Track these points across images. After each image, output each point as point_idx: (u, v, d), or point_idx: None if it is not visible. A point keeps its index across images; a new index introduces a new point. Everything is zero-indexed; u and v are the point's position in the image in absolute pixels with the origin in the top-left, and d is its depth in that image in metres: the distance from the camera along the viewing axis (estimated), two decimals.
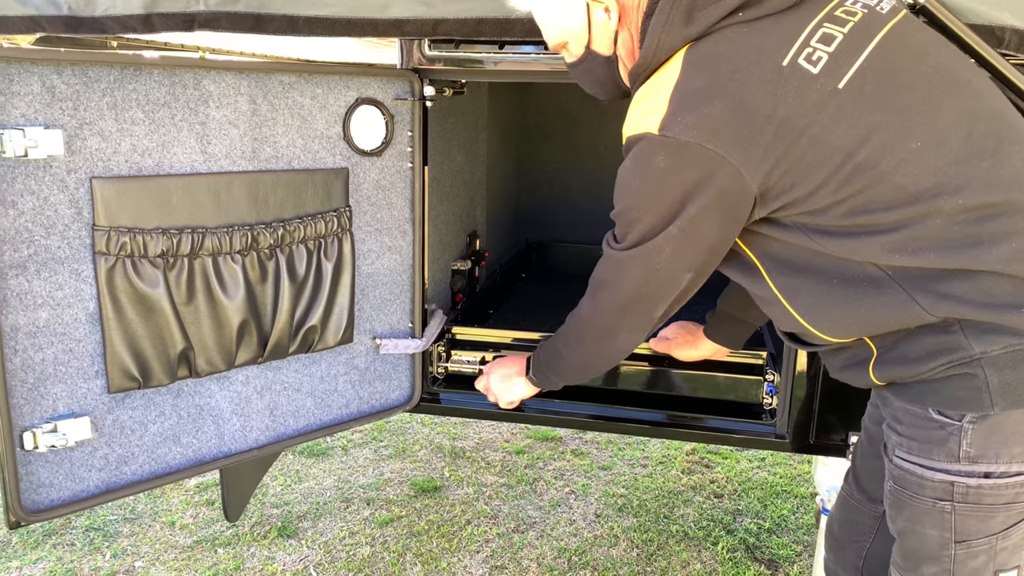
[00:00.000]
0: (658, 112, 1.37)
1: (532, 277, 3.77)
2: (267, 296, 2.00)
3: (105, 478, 1.87)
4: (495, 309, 3.14)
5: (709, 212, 1.38)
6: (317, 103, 2.05)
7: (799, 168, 1.32)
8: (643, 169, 1.42)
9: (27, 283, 1.69)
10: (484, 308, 3.07)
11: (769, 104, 1.31)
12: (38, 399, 1.74)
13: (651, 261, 1.47)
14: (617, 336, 1.66)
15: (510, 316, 3.12)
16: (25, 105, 1.63)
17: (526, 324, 3.02)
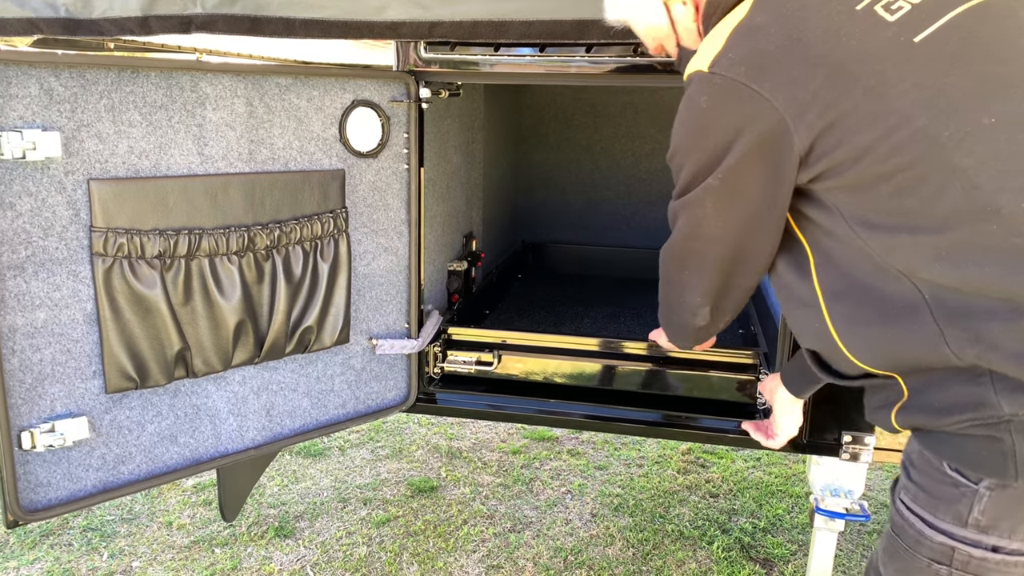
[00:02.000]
0: (713, 49, 1.26)
1: (528, 277, 3.78)
2: (264, 297, 2.01)
3: (103, 478, 1.88)
4: (491, 309, 3.14)
5: (750, 163, 1.25)
6: (313, 105, 2.07)
7: (847, 124, 1.17)
8: (688, 110, 1.32)
9: (25, 284, 1.70)
10: (480, 308, 3.06)
11: (827, 44, 1.18)
12: (36, 399, 1.75)
13: (695, 215, 1.37)
14: (683, 291, 1.53)
15: (506, 316, 3.14)
16: (23, 107, 1.64)
17: (522, 324, 3.06)
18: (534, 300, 3.39)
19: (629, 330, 3.07)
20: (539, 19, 1.96)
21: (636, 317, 3.21)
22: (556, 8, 1.94)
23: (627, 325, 3.14)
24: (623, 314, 3.26)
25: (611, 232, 4.01)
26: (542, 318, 3.16)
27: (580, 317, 3.20)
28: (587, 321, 3.16)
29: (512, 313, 3.17)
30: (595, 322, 3.15)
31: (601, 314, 3.23)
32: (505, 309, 3.23)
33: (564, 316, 3.20)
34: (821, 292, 1.34)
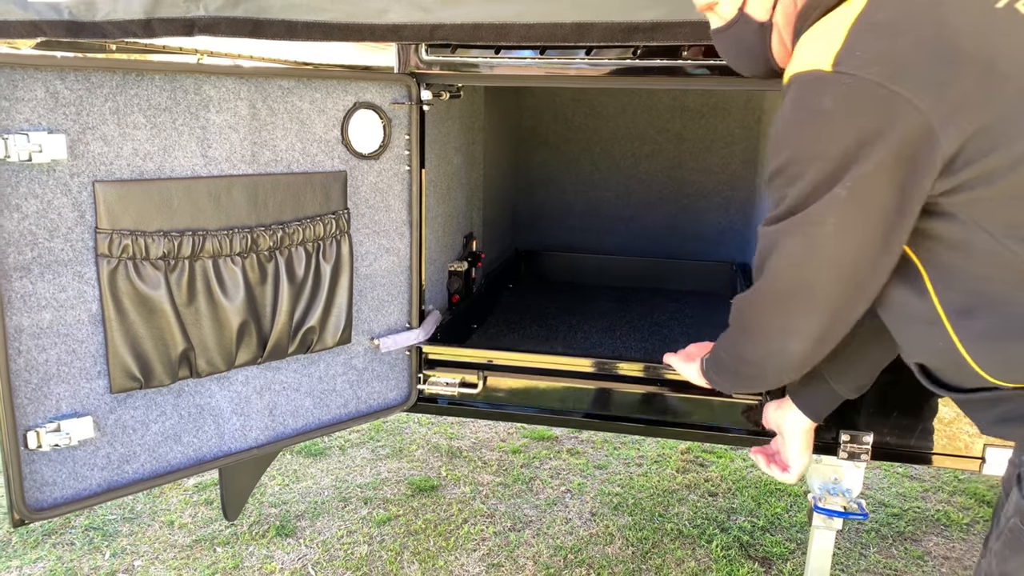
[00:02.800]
0: (831, 45, 1.15)
1: (520, 287, 3.67)
2: (267, 297, 2.03)
3: (107, 477, 1.90)
4: (479, 323, 3.03)
5: (886, 171, 1.13)
6: (316, 107, 2.09)
7: (1003, 127, 1.09)
8: (806, 113, 1.19)
9: (31, 285, 1.72)
10: (467, 322, 2.94)
11: (973, 41, 1.09)
12: (42, 399, 1.77)
13: (810, 235, 1.21)
14: (771, 339, 1.37)
15: (495, 330, 3.02)
16: (29, 110, 1.66)
17: (511, 339, 2.93)
18: (525, 312, 3.25)
19: (625, 346, 2.91)
20: (539, 22, 1.98)
21: (632, 331, 3.06)
22: (556, 11, 1.96)
23: (623, 340, 2.97)
24: (618, 328, 3.11)
25: (610, 234, 4.02)
26: (533, 332, 3.01)
27: (573, 331, 3.04)
28: (580, 336, 2.99)
29: (501, 326, 3.03)
30: (589, 337, 2.98)
31: (595, 328, 3.08)
32: (494, 322, 3.08)
33: (556, 330, 3.05)
34: (944, 309, 1.23)
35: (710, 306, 3.41)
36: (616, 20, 1.93)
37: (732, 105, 3.77)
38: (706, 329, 3.04)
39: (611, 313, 3.28)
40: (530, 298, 3.46)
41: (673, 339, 2.95)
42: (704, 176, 3.88)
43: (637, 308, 3.36)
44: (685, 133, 3.86)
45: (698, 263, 3.76)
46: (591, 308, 3.35)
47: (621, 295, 3.57)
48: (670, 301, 3.48)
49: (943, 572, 3.12)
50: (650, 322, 3.12)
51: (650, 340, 2.87)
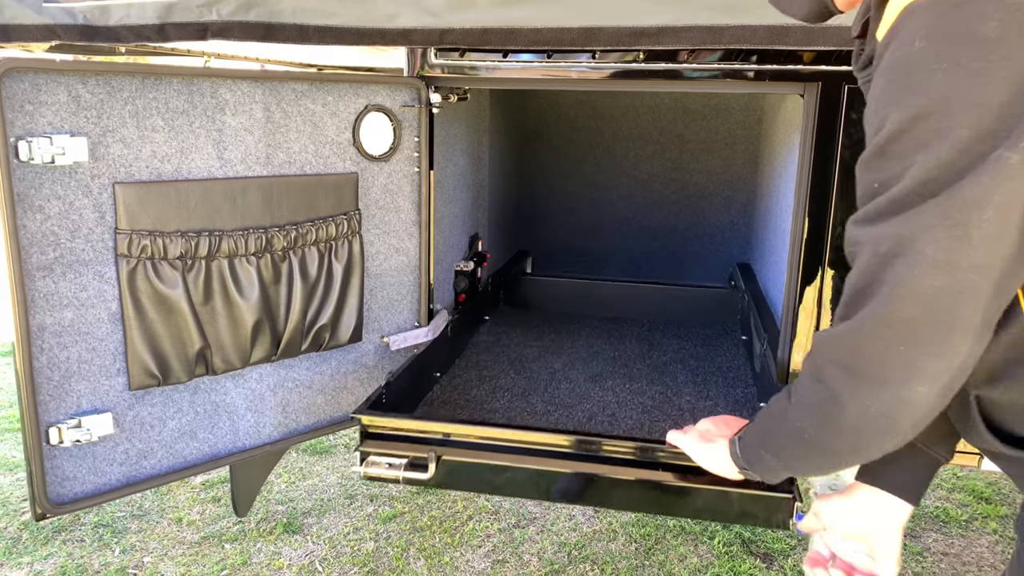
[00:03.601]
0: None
1: (498, 318, 3.18)
2: (280, 296, 2.07)
3: (126, 472, 1.94)
4: (444, 369, 2.51)
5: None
6: (328, 110, 2.13)
7: None
8: (953, 45, 0.84)
9: (53, 284, 1.76)
10: (430, 368, 2.42)
11: None
12: (63, 396, 1.81)
13: (961, 224, 0.84)
14: (886, 387, 0.96)
15: (461, 380, 2.49)
16: (52, 114, 1.70)
17: (481, 394, 2.32)
18: (500, 353, 2.77)
19: (619, 401, 2.34)
20: (547, 26, 2.03)
21: (627, 379, 2.54)
22: (563, 16, 2.01)
23: (616, 393, 2.41)
24: (611, 374, 2.58)
25: (612, 233, 4.07)
26: (508, 382, 2.48)
27: (556, 380, 2.52)
28: (565, 387, 2.46)
29: (471, 374, 2.53)
30: (575, 388, 2.46)
31: (583, 374, 2.57)
32: (463, 368, 2.58)
33: (536, 378, 2.53)
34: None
35: (717, 343, 2.95)
36: (623, 24, 1.97)
37: (733, 107, 3.82)
38: (716, 377, 2.57)
39: (602, 353, 2.77)
40: (508, 334, 2.95)
41: (676, 389, 2.46)
42: (705, 177, 3.93)
43: (632, 346, 2.87)
44: (687, 134, 3.91)
45: (701, 290, 3.27)
46: (578, 346, 2.85)
47: (613, 329, 3.07)
48: (670, 337, 3.00)
49: (942, 568, 3.17)
50: (648, 365, 2.66)
51: (649, 391, 2.40)
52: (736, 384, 2.40)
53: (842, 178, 2.10)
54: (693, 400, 2.21)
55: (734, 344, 2.79)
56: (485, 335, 2.91)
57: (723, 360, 2.62)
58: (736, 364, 2.57)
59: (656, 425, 1.99)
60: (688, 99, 3.86)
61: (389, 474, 1.82)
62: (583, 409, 2.17)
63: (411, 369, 2.22)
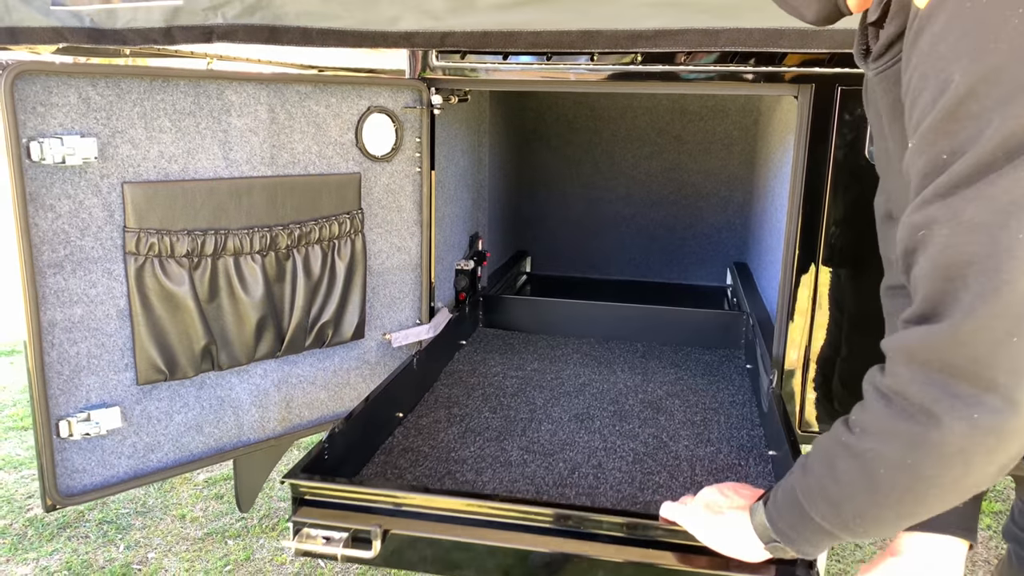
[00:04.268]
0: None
1: (476, 343, 2.79)
2: (284, 294, 2.11)
3: (133, 465, 1.98)
4: (409, 408, 2.15)
5: None
6: (331, 111, 2.17)
7: None
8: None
9: (64, 281, 1.80)
10: (390, 407, 2.05)
11: None
12: (73, 390, 1.85)
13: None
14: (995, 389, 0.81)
15: (428, 421, 2.10)
16: (63, 115, 1.74)
17: (448, 439, 1.99)
18: (475, 386, 2.37)
19: (607, 448, 1.98)
20: (546, 29, 2.06)
21: (617, 419, 2.16)
22: (563, 19, 2.05)
23: (605, 436, 2.05)
24: (599, 412, 2.20)
25: (611, 233, 4.11)
26: (481, 422, 2.11)
27: (537, 421, 2.13)
28: (546, 430, 2.08)
29: (440, 412, 2.15)
30: (557, 431, 2.07)
31: (567, 413, 2.19)
32: (431, 405, 2.20)
33: (514, 418, 2.15)
34: None
35: (718, 372, 2.54)
36: (621, 28, 2.01)
37: (730, 108, 3.86)
38: (717, 415, 2.17)
39: (590, 386, 2.40)
40: (486, 362, 2.58)
41: (672, 431, 2.07)
42: (703, 177, 3.98)
43: (623, 376, 2.49)
44: (684, 135, 3.95)
45: (700, 312, 2.89)
46: (564, 377, 2.47)
47: (603, 355, 2.69)
48: (666, 365, 2.61)
49: None
50: (641, 401, 2.26)
51: (642, 434, 2.04)
52: (740, 425, 2.10)
53: (835, 178, 2.14)
54: (691, 446, 1.93)
55: (737, 373, 2.49)
56: (460, 364, 2.53)
57: (725, 394, 2.31)
58: (740, 399, 2.28)
59: (649, 479, 1.72)
60: (685, 100, 3.90)
61: (326, 550, 1.50)
62: (565, 458, 1.87)
63: (367, 411, 1.87)
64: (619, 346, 2.75)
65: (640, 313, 2.82)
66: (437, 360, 2.46)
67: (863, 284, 2.19)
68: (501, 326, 2.93)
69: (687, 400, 2.26)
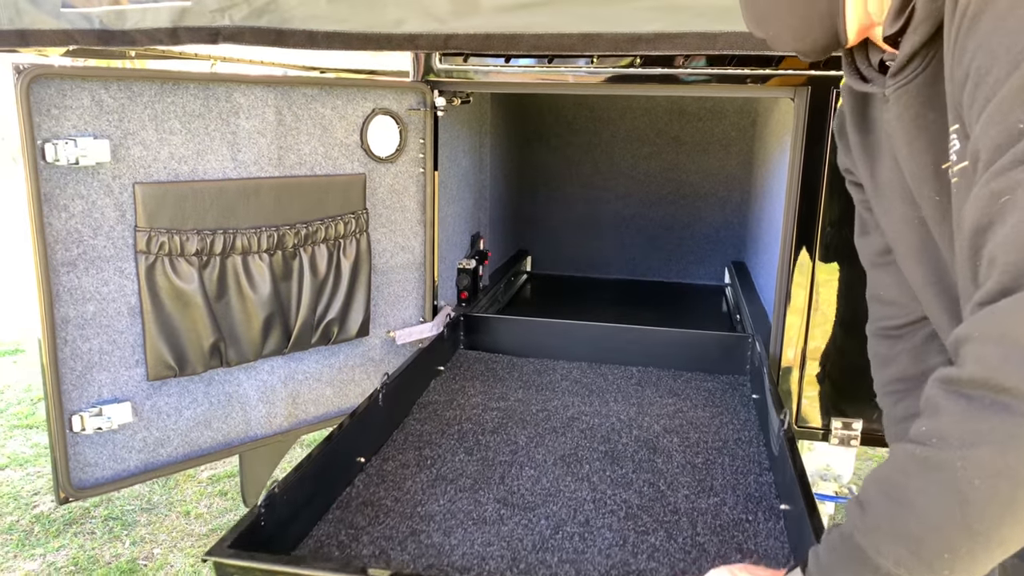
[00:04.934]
0: None
1: (456, 367, 2.46)
2: (291, 292, 2.16)
3: (144, 459, 2.02)
4: (375, 450, 1.86)
5: None
6: (337, 113, 2.21)
7: None
8: None
9: (77, 279, 1.84)
10: (349, 456, 1.74)
11: None
12: (85, 385, 1.90)
13: None
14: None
15: (392, 467, 1.80)
16: (76, 117, 1.79)
17: (410, 498, 1.67)
18: (451, 421, 2.05)
19: (595, 498, 1.68)
20: (548, 32, 2.10)
21: (608, 462, 1.85)
22: (564, 22, 2.08)
23: (591, 484, 1.75)
24: (588, 454, 1.90)
25: (610, 232, 4.15)
26: (455, 469, 1.80)
27: (518, 465, 1.83)
28: (527, 477, 1.77)
29: (409, 455, 1.85)
30: (540, 479, 1.77)
31: (553, 455, 1.89)
32: (398, 445, 1.90)
33: (491, 463, 1.84)
34: None
35: (721, 403, 2.24)
36: (621, 31, 2.05)
37: (728, 109, 3.90)
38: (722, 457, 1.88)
39: (579, 420, 2.10)
40: (464, 391, 2.26)
41: (670, 478, 1.78)
42: (701, 177, 4.02)
43: (617, 408, 2.19)
44: (683, 136, 4.00)
45: (701, 334, 2.57)
46: (551, 408, 2.17)
47: (595, 383, 2.38)
48: (664, 394, 2.29)
49: None
50: (635, 439, 1.99)
51: (636, 481, 1.77)
52: (747, 469, 1.83)
53: (831, 179, 2.18)
54: (692, 496, 1.68)
55: (742, 404, 2.21)
56: (436, 393, 2.23)
57: (730, 431, 2.03)
58: (746, 436, 2.00)
59: (643, 540, 1.50)
60: (684, 101, 3.95)
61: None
62: (548, 513, 1.61)
63: (322, 459, 1.60)
64: (612, 371, 2.46)
65: (636, 335, 2.54)
66: (410, 390, 2.14)
67: (859, 282, 2.23)
68: (484, 348, 2.61)
69: (687, 438, 2.00)
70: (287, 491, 1.43)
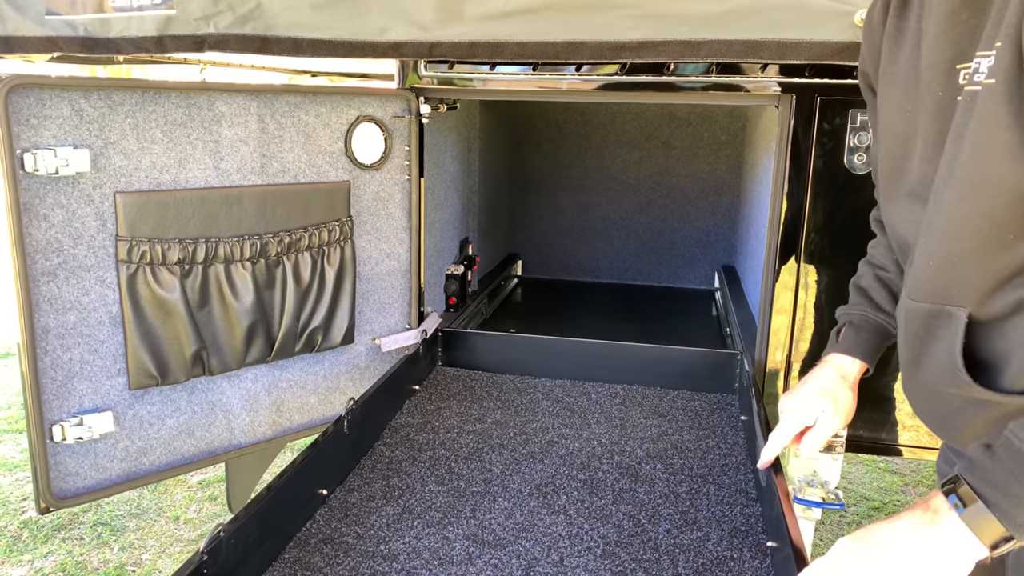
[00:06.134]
0: None
1: (429, 390, 2.31)
2: (275, 300, 2.15)
3: (126, 468, 2.02)
4: (335, 484, 1.73)
5: None
6: (321, 121, 2.21)
7: None
8: None
9: (57, 289, 1.84)
10: (309, 488, 1.62)
11: None
12: (66, 395, 1.89)
13: None
14: None
15: (356, 500, 1.68)
16: (56, 127, 1.78)
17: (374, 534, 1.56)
18: (422, 446, 1.95)
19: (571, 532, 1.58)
20: (532, 40, 2.10)
21: (587, 492, 1.75)
22: (548, 30, 2.08)
23: (568, 517, 1.65)
24: (565, 483, 1.80)
25: (600, 236, 4.15)
26: (423, 502, 1.69)
27: (491, 496, 1.72)
28: (500, 509, 1.67)
29: (375, 487, 1.74)
30: (514, 511, 1.66)
31: (528, 484, 1.78)
32: (364, 474, 1.80)
33: (462, 494, 1.73)
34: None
35: (708, 424, 2.15)
36: (605, 39, 2.05)
37: (718, 114, 3.91)
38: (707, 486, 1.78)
39: (558, 444, 2.00)
40: (439, 412, 2.16)
41: (652, 509, 1.68)
42: (691, 181, 4.02)
43: (598, 430, 2.08)
44: (673, 140, 4.00)
45: (687, 351, 2.44)
46: (528, 431, 2.06)
47: (576, 402, 2.27)
48: (648, 415, 2.19)
49: None
50: (616, 465, 1.89)
51: (615, 513, 1.67)
52: (733, 500, 1.73)
53: (815, 187, 2.18)
54: (674, 530, 1.59)
55: (730, 426, 2.12)
56: (409, 415, 2.12)
57: (716, 456, 1.93)
58: (733, 463, 1.91)
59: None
60: (674, 106, 3.95)
61: None
62: (520, 551, 1.51)
63: (279, 493, 1.47)
64: (596, 390, 2.36)
65: (620, 351, 2.44)
66: (381, 412, 2.01)
67: (842, 286, 2.23)
68: (462, 364, 2.50)
69: (671, 464, 1.90)
70: (234, 533, 1.31)
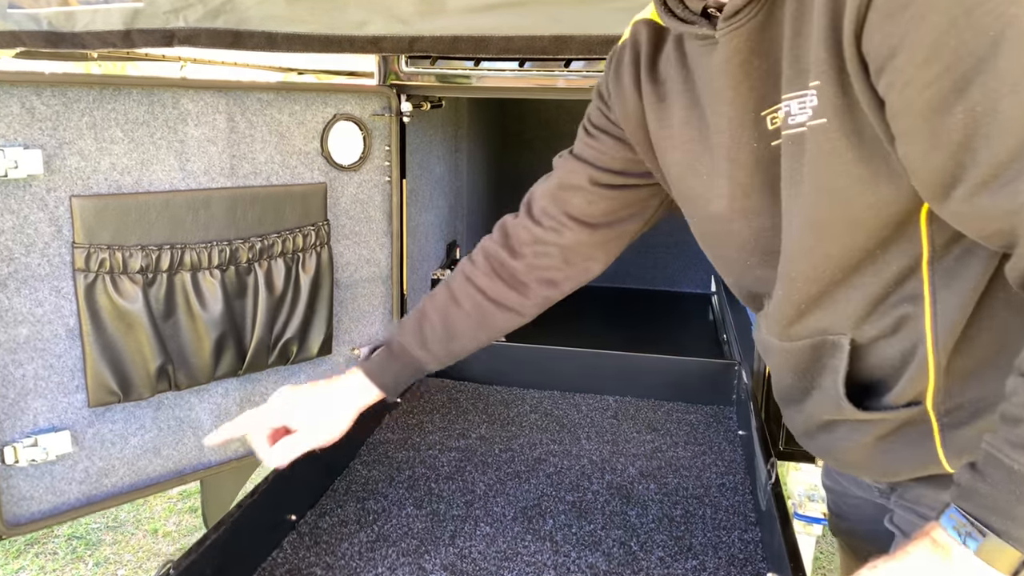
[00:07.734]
0: None
1: (410, 404, 2.19)
2: (246, 310, 2.03)
3: (86, 490, 1.89)
4: (305, 508, 1.61)
5: None
6: (295, 119, 2.09)
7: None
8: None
9: (7, 300, 1.71)
10: (277, 514, 1.51)
11: None
12: (19, 414, 1.77)
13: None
14: None
15: (327, 526, 1.56)
16: (4, 126, 1.66)
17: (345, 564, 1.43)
18: (401, 465, 1.83)
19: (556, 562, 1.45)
20: (518, 35, 1.99)
21: (575, 515, 1.63)
22: (534, 24, 1.97)
23: (554, 544, 1.52)
24: (552, 505, 1.68)
25: None
26: (399, 527, 1.57)
27: (472, 520, 1.60)
28: (481, 535, 1.54)
29: (348, 511, 1.62)
30: (496, 537, 1.54)
31: (512, 507, 1.66)
32: (338, 497, 1.67)
33: (442, 517, 1.61)
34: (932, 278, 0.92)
35: (703, 440, 2.02)
36: (593, 33, 1.95)
37: None
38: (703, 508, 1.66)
39: (545, 462, 1.88)
40: (420, 428, 2.04)
41: (644, 535, 1.56)
42: None
43: (588, 446, 1.97)
44: None
45: (682, 361, 2.33)
46: (515, 448, 1.94)
47: (566, 416, 2.16)
48: (641, 429, 2.08)
49: None
50: (606, 485, 1.77)
51: (605, 540, 1.55)
52: (731, 524, 1.60)
53: None
54: (667, 558, 1.46)
55: (728, 442, 2.00)
56: (389, 430, 2.00)
57: (713, 474, 1.81)
58: (731, 482, 1.78)
59: None
60: None
61: None
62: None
63: (240, 521, 1.35)
64: (587, 402, 2.23)
65: (612, 361, 2.30)
66: (358, 427, 1.67)
67: None
68: (448, 375, 2.36)
69: (665, 483, 1.77)
70: (187, 570, 1.17)
